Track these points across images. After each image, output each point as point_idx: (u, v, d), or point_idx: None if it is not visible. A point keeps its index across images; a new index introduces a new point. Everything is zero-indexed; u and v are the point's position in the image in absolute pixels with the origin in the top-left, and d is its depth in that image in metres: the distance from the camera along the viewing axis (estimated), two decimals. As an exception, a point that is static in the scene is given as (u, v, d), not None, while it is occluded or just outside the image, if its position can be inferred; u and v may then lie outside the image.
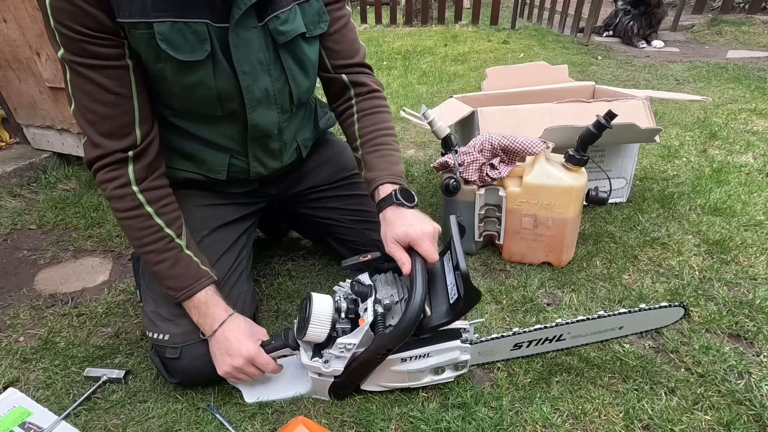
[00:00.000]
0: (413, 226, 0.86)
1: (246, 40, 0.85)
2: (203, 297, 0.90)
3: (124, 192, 0.85)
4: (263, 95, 0.93)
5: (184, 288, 0.89)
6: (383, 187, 0.94)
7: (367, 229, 1.18)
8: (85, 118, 0.81)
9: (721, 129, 2.11)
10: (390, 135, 1.02)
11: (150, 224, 0.87)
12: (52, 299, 1.29)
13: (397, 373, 0.88)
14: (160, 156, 0.91)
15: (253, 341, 0.89)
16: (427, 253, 0.85)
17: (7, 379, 1.01)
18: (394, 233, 0.87)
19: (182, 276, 0.89)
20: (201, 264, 0.92)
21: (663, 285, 1.17)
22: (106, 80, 0.79)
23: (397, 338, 0.81)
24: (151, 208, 0.87)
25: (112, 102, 0.81)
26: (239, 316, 0.92)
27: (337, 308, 0.85)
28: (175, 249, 0.89)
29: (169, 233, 0.89)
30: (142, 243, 0.88)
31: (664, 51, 4.12)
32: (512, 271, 1.28)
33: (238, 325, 0.90)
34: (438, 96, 2.96)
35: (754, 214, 1.44)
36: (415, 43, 4.69)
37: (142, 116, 0.85)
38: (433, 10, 5.84)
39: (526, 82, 1.75)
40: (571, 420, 0.86)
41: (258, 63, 0.89)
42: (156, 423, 0.89)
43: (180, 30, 0.79)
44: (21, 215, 1.72)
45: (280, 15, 0.86)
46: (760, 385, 0.88)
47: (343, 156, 1.24)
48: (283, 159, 1.08)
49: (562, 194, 1.17)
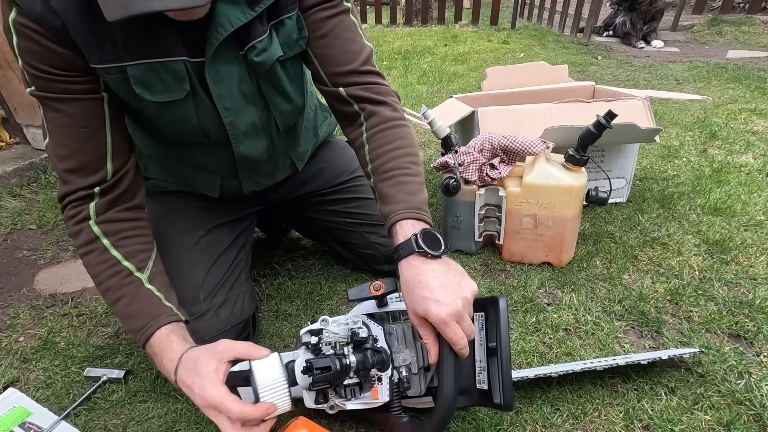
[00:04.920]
0: (437, 304, 0.66)
1: (226, 74, 0.80)
2: (157, 342, 0.76)
3: (81, 227, 0.80)
4: (249, 128, 0.89)
5: (141, 328, 0.77)
6: (401, 226, 0.76)
7: (368, 232, 1.18)
8: (56, 154, 0.78)
9: (721, 129, 2.11)
10: (406, 155, 0.84)
11: (105, 258, 0.80)
12: (52, 299, 1.29)
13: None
14: (132, 189, 0.84)
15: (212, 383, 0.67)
16: (454, 339, 0.66)
17: (7, 379, 1.01)
18: (413, 306, 0.69)
19: (139, 314, 0.78)
20: (164, 300, 0.80)
21: (663, 285, 1.17)
22: (78, 112, 0.76)
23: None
24: (108, 240, 0.80)
25: (83, 135, 0.77)
26: (190, 352, 0.74)
27: (345, 366, 0.69)
28: (133, 283, 0.79)
29: (126, 266, 0.80)
30: (99, 280, 0.80)
31: (664, 51, 4.12)
32: (512, 271, 1.28)
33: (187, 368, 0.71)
34: (438, 96, 2.95)
35: (754, 214, 1.44)
36: (415, 43, 4.69)
37: (115, 149, 0.80)
38: (433, 10, 5.83)
39: (526, 82, 1.75)
40: (571, 420, 0.85)
41: (241, 96, 0.84)
42: (156, 423, 0.89)
43: (155, 71, 0.75)
44: (21, 215, 1.72)
45: (258, 44, 0.79)
46: (760, 385, 0.88)
47: (343, 159, 1.22)
48: (277, 177, 1.07)
49: (562, 194, 1.17)
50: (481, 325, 0.75)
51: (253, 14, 0.75)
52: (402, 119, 0.88)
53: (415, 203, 0.78)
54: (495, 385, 0.69)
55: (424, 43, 4.66)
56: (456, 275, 0.70)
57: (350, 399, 0.72)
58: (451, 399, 0.64)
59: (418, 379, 0.74)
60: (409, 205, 0.78)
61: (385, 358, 0.70)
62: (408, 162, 0.83)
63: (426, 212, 0.79)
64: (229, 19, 0.73)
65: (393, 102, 0.88)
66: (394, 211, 0.78)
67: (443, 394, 0.65)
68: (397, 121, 0.86)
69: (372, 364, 0.70)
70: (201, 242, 1.01)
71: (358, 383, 0.72)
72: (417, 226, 0.75)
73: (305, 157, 1.13)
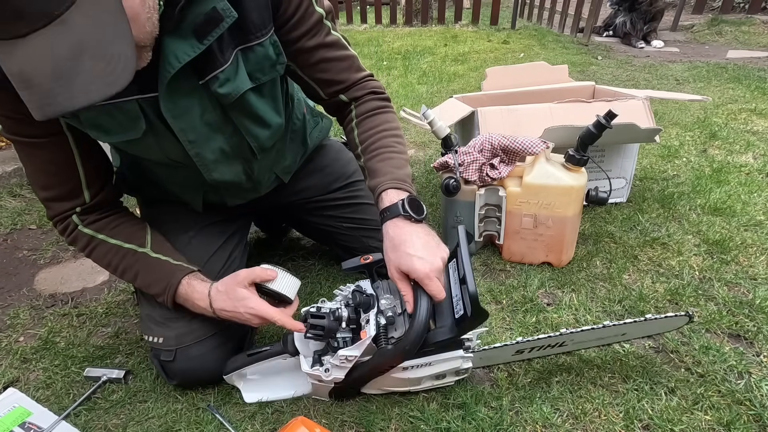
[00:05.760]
0: (422, 261, 0.76)
1: (186, 107, 0.78)
2: (183, 291, 0.87)
3: (74, 235, 0.88)
4: (219, 155, 0.88)
5: (164, 290, 0.87)
6: (387, 194, 0.84)
7: (366, 236, 1.16)
8: (35, 183, 0.85)
9: (721, 129, 2.11)
10: (392, 136, 0.92)
11: (108, 248, 0.88)
12: (52, 299, 1.29)
13: (398, 379, 0.87)
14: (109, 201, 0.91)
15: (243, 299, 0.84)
16: (435, 292, 0.76)
17: (7, 379, 1.01)
18: (398, 262, 0.78)
19: (158, 279, 0.88)
20: (173, 260, 0.90)
21: (663, 285, 1.17)
22: (46, 154, 0.80)
23: (399, 357, 0.79)
24: (102, 234, 0.88)
25: (54, 171, 0.82)
26: (217, 285, 0.87)
27: (338, 317, 0.83)
28: (142, 258, 0.89)
29: (129, 248, 0.89)
30: (114, 266, 0.90)
31: (664, 51, 4.12)
32: (512, 271, 1.28)
33: (222, 298, 0.86)
34: (438, 96, 2.96)
35: (754, 214, 1.44)
36: (415, 43, 4.69)
37: (89, 179, 0.85)
38: (433, 10, 5.83)
39: (526, 82, 1.75)
40: (571, 420, 0.86)
41: (205, 125, 0.82)
42: (156, 423, 0.89)
43: (107, 112, 0.74)
44: (21, 215, 1.72)
45: (220, 75, 0.76)
46: (760, 385, 0.88)
47: (339, 163, 1.20)
48: (261, 191, 1.06)
49: (562, 194, 1.17)
50: (454, 268, 0.84)
51: (201, 47, 0.71)
52: (387, 106, 0.96)
53: (400, 176, 0.86)
54: (466, 304, 0.77)
55: (424, 43, 4.67)
56: (435, 239, 0.81)
57: (342, 348, 0.81)
58: (424, 321, 0.75)
59: (402, 320, 0.84)
60: (395, 177, 0.86)
61: (370, 300, 0.84)
62: (393, 141, 0.92)
63: (410, 185, 0.87)
64: (176, 55, 0.70)
65: (379, 91, 0.96)
66: (381, 183, 0.86)
67: (417, 319, 0.75)
68: (384, 108, 0.95)
69: (358, 303, 0.83)
70: (192, 243, 1.00)
71: (351, 337, 0.83)
72: (402, 195, 0.83)
73: (292, 170, 1.11)
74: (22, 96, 0.53)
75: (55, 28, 0.50)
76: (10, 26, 0.49)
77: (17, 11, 0.48)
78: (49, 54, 0.51)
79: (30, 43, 0.50)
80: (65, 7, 0.50)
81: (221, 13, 0.71)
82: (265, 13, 0.77)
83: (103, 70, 0.54)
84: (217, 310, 0.86)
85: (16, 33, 0.50)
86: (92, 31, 0.52)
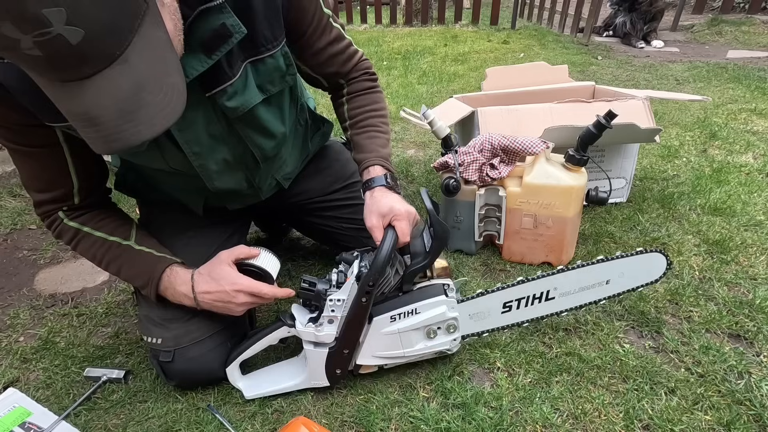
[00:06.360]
0: (401, 204, 0.88)
1: (190, 120, 0.79)
2: (166, 280, 0.87)
3: (60, 229, 0.88)
4: (222, 166, 0.90)
5: (148, 282, 0.87)
6: (373, 168, 0.94)
7: (366, 236, 1.17)
8: (25, 184, 0.86)
9: (721, 129, 2.11)
10: (379, 116, 1.00)
11: (93, 240, 0.88)
12: (52, 299, 1.29)
13: (389, 336, 0.89)
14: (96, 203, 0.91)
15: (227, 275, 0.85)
16: (403, 230, 0.86)
17: (7, 379, 1.01)
18: (378, 207, 0.88)
19: (141, 272, 0.88)
20: (156, 252, 0.90)
21: (663, 285, 1.17)
22: (40, 161, 0.81)
23: (375, 271, 0.82)
24: (87, 227, 0.88)
25: (47, 178, 0.83)
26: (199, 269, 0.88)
27: (328, 279, 0.88)
28: (126, 251, 0.88)
29: (113, 240, 0.89)
30: (98, 259, 0.89)
31: (664, 51, 4.12)
32: (512, 271, 1.28)
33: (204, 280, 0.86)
34: (438, 96, 2.96)
35: (754, 214, 1.44)
36: (415, 43, 4.69)
37: (81, 186, 0.86)
38: (433, 10, 5.84)
39: (526, 82, 1.75)
40: (571, 420, 0.86)
41: (210, 137, 0.83)
42: (156, 423, 0.89)
43: None
44: (21, 215, 1.72)
45: (228, 89, 0.77)
46: (760, 385, 0.88)
47: (338, 164, 1.21)
48: (261, 197, 1.06)
49: (562, 194, 1.17)
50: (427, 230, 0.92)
51: (210, 62, 0.72)
52: (376, 87, 1.03)
53: (384, 154, 0.97)
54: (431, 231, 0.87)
55: (424, 43, 4.67)
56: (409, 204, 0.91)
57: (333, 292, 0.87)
58: (388, 248, 0.83)
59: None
60: (379, 155, 0.96)
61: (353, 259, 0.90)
62: (380, 121, 1.00)
63: (391, 164, 0.98)
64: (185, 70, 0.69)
65: (370, 72, 1.02)
66: (367, 158, 0.95)
67: (381, 246, 0.84)
68: (373, 88, 1.02)
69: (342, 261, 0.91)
70: (192, 243, 1.00)
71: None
72: (385, 171, 0.94)
73: (293, 176, 1.12)
74: (85, 133, 0.55)
75: (117, 68, 0.52)
76: (75, 70, 0.50)
77: (81, 56, 0.49)
78: (114, 93, 0.53)
79: (94, 84, 0.52)
80: (125, 47, 0.52)
81: (230, 29, 0.72)
82: (277, 25, 0.78)
83: (162, 102, 0.56)
84: (199, 293, 0.85)
85: (81, 75, 0.51)
86: (149, 67, 0.54)
